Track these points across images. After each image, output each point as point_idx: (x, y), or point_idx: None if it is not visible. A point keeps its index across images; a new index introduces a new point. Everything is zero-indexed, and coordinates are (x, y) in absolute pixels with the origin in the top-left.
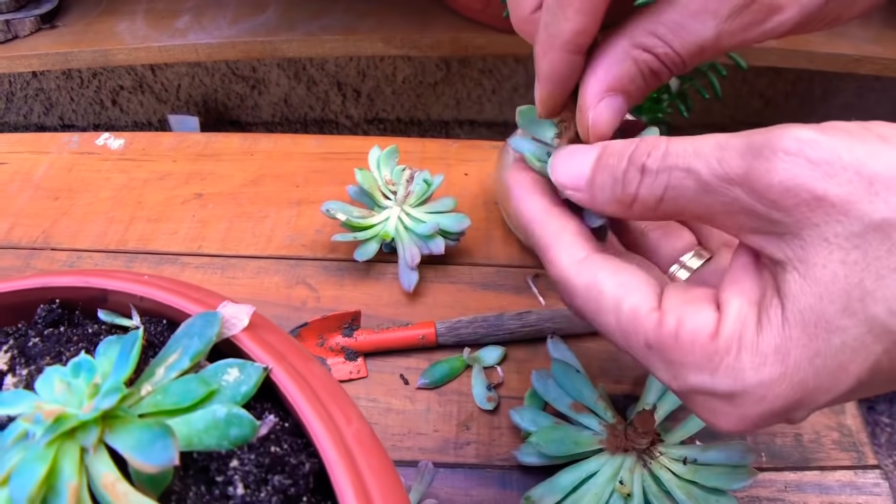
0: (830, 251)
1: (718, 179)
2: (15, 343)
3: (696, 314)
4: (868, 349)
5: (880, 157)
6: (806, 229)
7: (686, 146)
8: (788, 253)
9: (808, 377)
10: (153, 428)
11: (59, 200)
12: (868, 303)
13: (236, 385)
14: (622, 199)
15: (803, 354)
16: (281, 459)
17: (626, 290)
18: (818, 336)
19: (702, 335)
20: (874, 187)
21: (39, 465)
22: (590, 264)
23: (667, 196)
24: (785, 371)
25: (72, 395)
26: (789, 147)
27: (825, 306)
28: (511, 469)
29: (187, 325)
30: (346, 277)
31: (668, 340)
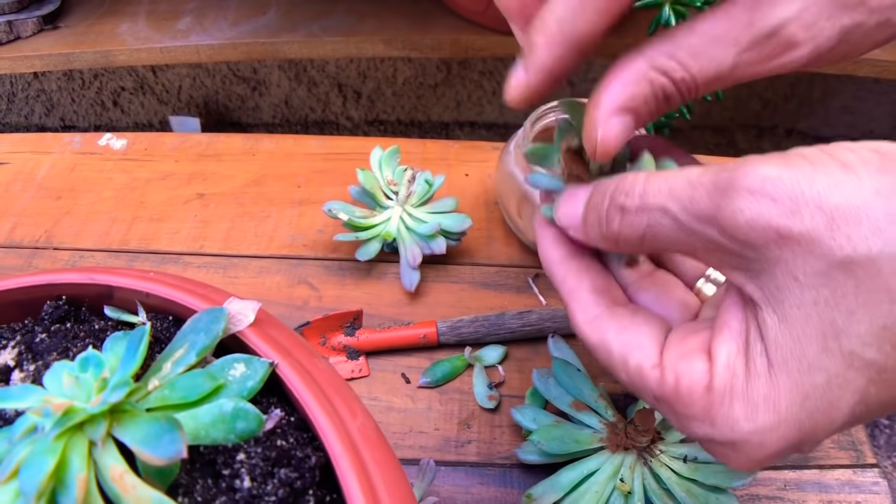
0: (802, 291)
1: (692, 219)
2: (22, 339)
3: (691, 369)
4: (853, 384)
5: (840, 188)
6: (777, 267)
7: (662, 185)
8: (766, 293)
9: (803, 419)
10: (161, 421)
11: (62, 200)
12: (843, 340)
13: (243, 380)
14: (607, 237)
15: (793, 399)
16: (287, 453)
17: (630, 348)
18: (803, 380)
19: (698, 389)
20: (835, 222)
21: (49, 458)
22: (599, 325)
23: (647, 234)
24: (778, 417)
25: (80, 389)
26: (752, 185)
27: (805, 348)
28: (512, 467)
29: (194, 321)
30: (348, 277)
31: (671, 395)
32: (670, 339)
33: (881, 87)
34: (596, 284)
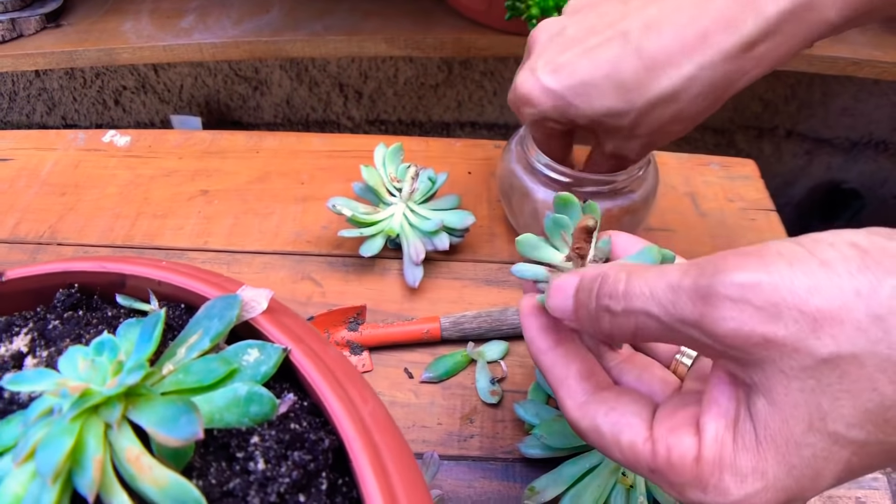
0: (789, 381)
1: (676, 322)
2: (35, 326)
3: (680, 442)
4: (837, 456)
5: (821, 291)
6: (765, 363)
7: (643, 288)
8: (754, 378)
9: (790, 484)
10: (177, 403)
11: (66, 196)
12: (828, 421)
13: (256, 365)
14: (600, 333)
15: (780, 469)
16: (300, 436)
17: (619, 427)
18: (790, 453)
19: (688, 460)
20: (818, 324)
21: (65, 439)
22: (588, 410)
23: (637, 333)
24: (766, 484)
25: (95, 373)
26: (733, 294)
27: (792, 428)
28: (514, 462)
29: (208, 307)
30: (351, 273)
31: (664, 466)
32: (659, 414)
33: (881, 89)
34: (582, 371)
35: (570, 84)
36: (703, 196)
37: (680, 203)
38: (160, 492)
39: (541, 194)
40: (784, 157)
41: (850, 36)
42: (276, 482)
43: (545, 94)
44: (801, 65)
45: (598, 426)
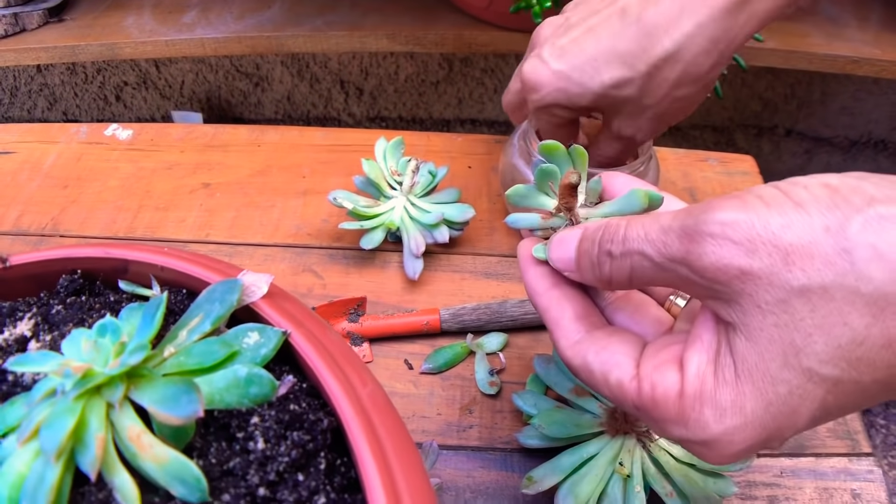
0: (764, 316)
1: (666, 261)
2: (38, 311)
3: (664, 378)
4: (812, 393)
5: (793, 227)
6: (742, 297)
7: (639, 231)
8: (734, 317)
9: (767, 421)
10: (178, 383)
11: (68, 189)
12: (801, 357)
13: (256, 347)
14: (601, 279)
15: (757, 405)
16: (299, 417)
17: (609, 366)
18: (766, 389)
19: (671, 396)
20: (790, 258)
21: (68, 418)
22: (580, 348)
23: (633, 275)
24: (745, 420)
25: (98, 354)
26: (714, 231)
27: (768, 364)
28: (512, 452)
29: (209, 291)
30: (352, 265)
31: (648, 403)
32: (646, 352)
33: (880, 88)
34: (576, 312)
35: (576, 63)
36: (701, 192)
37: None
38: (161, 469)
39: None
40: (783, 156)
41: (849, 34)
42: (276, 461)
43: (553, 77)
44: (801, 63)
45: (588, 364)
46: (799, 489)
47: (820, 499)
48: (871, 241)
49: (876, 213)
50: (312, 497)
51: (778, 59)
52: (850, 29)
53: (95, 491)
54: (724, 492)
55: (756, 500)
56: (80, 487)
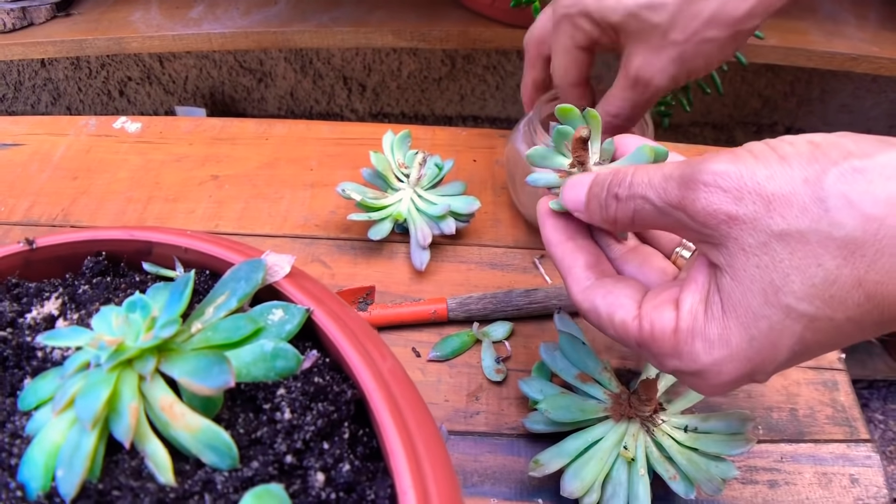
0: (747, 258)
1: (666, 205)
2: (65, 291)
3: (662, 316)
4: (790, 329)
5: (776, 178)
6: (729, 241)
7: (644, 177)
8: (721, 259)
9: (751, 354)
10: (209, 356)
11: (78, 180)
12: (780, 296)
13: (281, 324)
14: (607, 219)
15: (741, 338)
16: (323, 389)
17: (613, 308)
18: (749, 324)
19: (667, 331)
20: (772, 205)
21: (103, 388)
22: (590, 293)
23: (636, 217)
24: (730, 352)
25: (129, 328)
26: (707, 180)
27: (750, 301)
28: (518, 437)
29: (234, 270)
30: (360, 256)
31: (648, 339)
32: (647, 296)
33: (879, 86)
34: (588, 261)
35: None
36: None
37: None
38: (192, 437)
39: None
40: None
41: (848, 31)
42: (302, 430)
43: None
44: (800, 60)
45: (596, 307)
46: (798, 474)
47: (819, 483)
48: (844, 191)
49: (850, 167)
50: (337, 464)
51: (778, 55)
52: (848, 27)
53: (128, 459)
54: (726, 474)
55: (757, 485)
56: (112, 456)
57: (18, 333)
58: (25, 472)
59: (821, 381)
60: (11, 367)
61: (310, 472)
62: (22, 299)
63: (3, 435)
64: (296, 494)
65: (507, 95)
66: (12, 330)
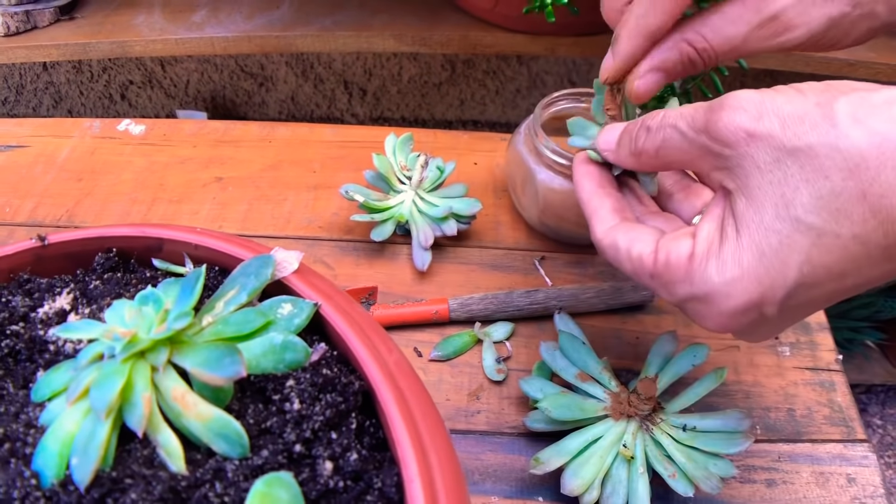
0: (762, 175)
1: (692, 130)
2: (76, 286)
3: (678, 245)
4: (798, 244)
5: (792, 102)
6: (746, 160)
7: (676, 111)
8: (738, 181)
9: (761, 273)
10: (220, 347)
11: (83, 182)
12: (790, 208)
13: (290, 317)
14: (633, 151)
15: (752, 255)
16: (332, 380)
17: (632, 242)
18: (760, 240)
19: (682, 259)
20: (786, 123)
21: (117, 379)
22: (613, 231)
23: (661, 146)
24: (742, 271)
25: (142, 321)
26: (732, 103)
27: (762, 216)
28: (519, 436)
29: (244, 266)
30: (362, 257)
31: (662, 269)
32: (665, 235)
33: None
34: (614, 206)
35: None
36: None
37: None
38: (204, 426)
39: (542, 176)
40: None
41: None
42: (311, 420)
43: None
44: (798, 65)
45: (616, 242)
46: (796, 473)
47: (816, 482)
48: (851, 111)
49: (858, 95)
50: (345, 454)
51: (776, 61)
52: None
53: (140, 448)
54: (725, 473)
55: (755, 484)
56: (124, 446)
57: (31, 327)
58: (40, 461)
59: (818, 382)
60: (24, 360)
61: (318, 460)
62: (34, 294)
63: (17, 425)
64: (305, 482)
65: (506, 100)
66: (24, 324)
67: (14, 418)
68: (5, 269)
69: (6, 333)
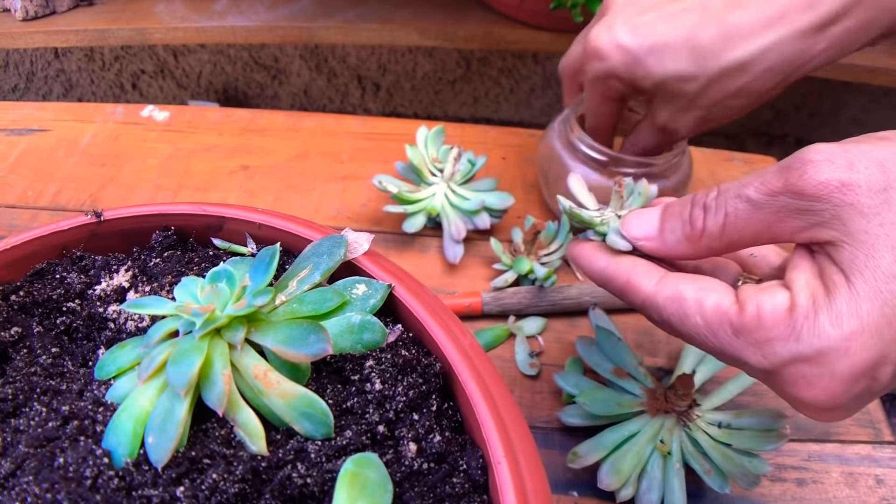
0: (868, 220)
1: (765, 196)
2: (134, 264)
3: (773, 297)
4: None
5: (884, 148)
6: (843, 208)
7: (734, 182)
8: (835, 233)
9: (883, 326)
10: (304, 324)
11: (107, 167)
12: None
13: (365, 298)
14: (691, 236)
15: (874, 306)
16: (411, 361)
17: (705, 292)
18: (881, 289)
19: (780, 311)
20: (885, 165)
21: (196, 356)
22: (669, 280)
23: (727, 222)
24: (862, 323)
25: (217, 297)
26: (814, 158)
27: (879, 261)
28: (553, 430)
29: (316, 245)
30: (392, 249)
31: (752, 323)
32: (742, 288)
33: (890, 100)
34: (649, 262)
35: (645, 44)
36: None
37: None
38: (287, 405)
39: (577, 171)
40: None
41: None
42: (393, 401)
43: (618, 51)
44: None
45: (680, 292)
46: (826, 473)
47: (846, 483)
48: None
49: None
50: (428, 435)
51: None
52: None
53: (217, 428)
54: (759, 470)
55: (785, 482)
56: (199, 425)
57: (88, 304)
58: (112, 439)
59: None
60: (81, 338)
61: (402, 442)
62: (89, 271)
63: (84, 402)
64: (389, 464)
65: (520, 99)
66: (81, 301)
67: (79, 396)
68: (58, 245)
69: (62, 310)
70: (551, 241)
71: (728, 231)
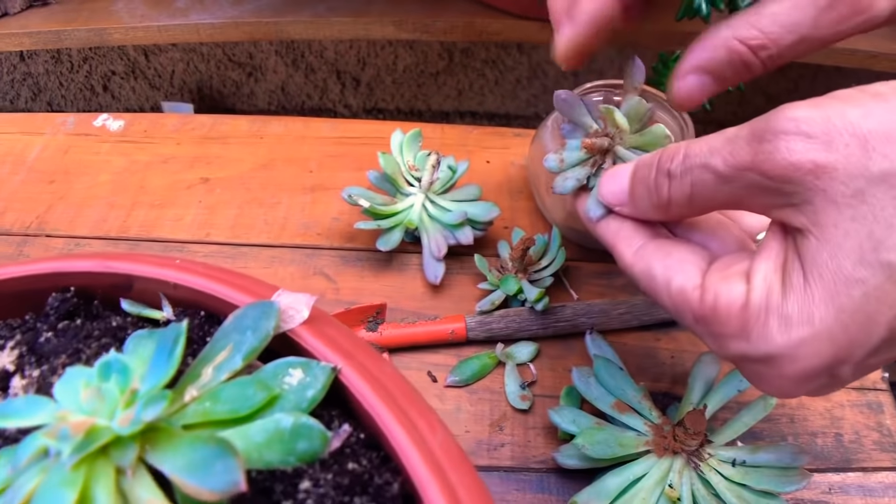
0: (840, 211)
1: (733, 169)
2: (23, 338)
3: (730, 289)
4: (891, 296)
5: (873, 114)
6: (815, 195)
7: (702, 146)
8: (804, 220)
9: (837, 333)
10: (208, 444)
11: (55, 184)
12: (881, 251)
13: (301, 389)
14: (658, 204)
15: (827, 312)
16: (361, 478)
17: (672, 272)
18: (839, 292)
19: (735, 307)
20: (870, 144)
21: (67, 492)
22: (644, 254)
23: (694, 192)
24: (812, 330)
25: (102, 403)
26: (787, 128)
27: (840, 262)
28: (549, 472)
29: (238, 317)
30: (367, 268)
31: (709, 315)
32: (714, 265)
33: None
34: (637, 221)
35: None
36: None
37: None
38: None
39: None
40: None
41: None
42: None
43: None
44: (819, 56)
45: (651, 268)
46: None
47: None
48: None
49: None
50: None
51: None
52: None
53: None
54: None
55: None
56: None
57: None
58: None
59: (864, 403)
60: None
61: None
62: None
63: None
64: None
65: (506, 91)
66: None
67: None
68: None
69: None
70: (541, 255)
71: (696, 201)
